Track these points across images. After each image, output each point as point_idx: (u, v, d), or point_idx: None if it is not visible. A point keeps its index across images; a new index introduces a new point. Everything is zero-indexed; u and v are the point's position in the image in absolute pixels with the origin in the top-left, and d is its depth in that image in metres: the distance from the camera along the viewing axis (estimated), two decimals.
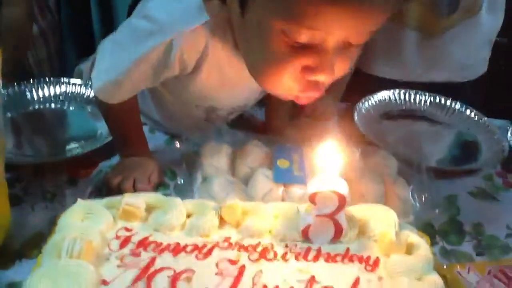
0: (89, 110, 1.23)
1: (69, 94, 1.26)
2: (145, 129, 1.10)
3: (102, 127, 1.13)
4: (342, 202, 0.74)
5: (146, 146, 1.05)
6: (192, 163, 1.02)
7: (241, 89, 1.01)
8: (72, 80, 1.27)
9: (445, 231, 0.97)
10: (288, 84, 0.80)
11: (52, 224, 0.85)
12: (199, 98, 1.03)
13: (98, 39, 0.97)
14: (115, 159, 1.07)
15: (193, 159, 1.03)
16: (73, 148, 1.11)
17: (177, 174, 1.04)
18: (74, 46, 1.78)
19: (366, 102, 1.29)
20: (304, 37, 0.73)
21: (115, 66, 0.92)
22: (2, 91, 1.17)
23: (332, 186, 0.73)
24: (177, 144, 1.08)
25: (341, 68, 0.79)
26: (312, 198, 0.74)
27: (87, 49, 1.52)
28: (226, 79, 0.96)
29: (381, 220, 0.79)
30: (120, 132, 1.03)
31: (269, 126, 1.18)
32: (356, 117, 1.22)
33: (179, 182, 1.00)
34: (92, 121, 1.20)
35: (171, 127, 1.16)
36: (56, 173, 1.02)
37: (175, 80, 0.97)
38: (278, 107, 1.18)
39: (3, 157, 0.84)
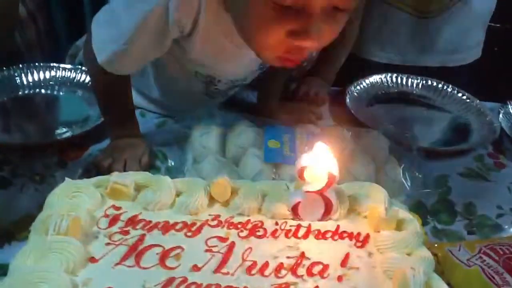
0: (80, 94, 1.22)
1: (59, 79, 1.24)
2: (137, 112, 1.09)
3: (92, 111, 1.13)
4: (331, 178, 0.73)
5: (137, 127, 1.05)
6: (183, 145, 1.02)
7: (237, 56, 0.99)
8: (62, 65, 1.26)
9: (436, 210, 0.97)
10: (273, 46, 0.80)
11: (41, 206, 0.85)
12: (197, 64, 1.02)
13: (90, 19, 0.95)
14: (105, 143, 1.06)
15: (183, 141, 1.03)
16: (63, 132, 1.10)
17: (167, 157, 1.03)
18: (65, 27, 1.75)
19: (358, 86, 1.28)
20: (289, 0, 0.72)
21: (117, 35, 0.91)
22: None
23: (321, 162, 0.73)
24: (168, 126, 1.07)
25: (328, 34, 0.79)
26: (301, 173, 0.74)
27: (79, 30, 1.49)
28: (220, 43, 0.94)
29: (371, 196, 0.79)
30: (112, 110, 1.02)
31: (261, 108, 1.18)
32: (347, 101, 1.22)
33: (170, 164, 1.00)
34: (83, 105, 1.19)
35: (171, 104, 1.15)
36: (46, 155, 1.01)
37: (176, 46, 0.96)
38: (271, 89, 1.17)
39: None
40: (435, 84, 1.30)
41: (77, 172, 0.98)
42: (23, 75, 1.23)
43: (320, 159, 0.73)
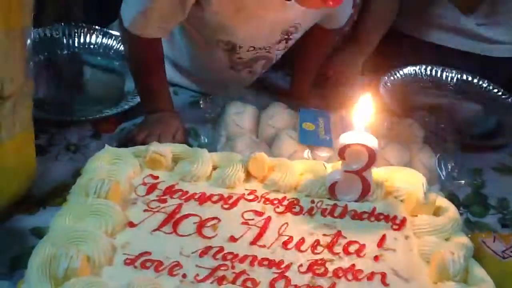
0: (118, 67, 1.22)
1: (104, 45, 1.24)
2: (170, 91, 1.09)
3: (129, 88, 1.13)
4: (372, 157, 0.73)
5: (170, 103, 1.05)
6: (216, 123, 1.02)
7: (259, 21, 0.98)
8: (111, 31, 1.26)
9: (469, 203, 0.96)
10: None
11: (75, 175, 0.85)
12: (217, 28, 1.01)
13: None
14: (139, 120, 1.06)
15: (217, 119, 1.03)
16: (99, 108, 1.09)
17: (200, 134, 1.03)
18: None
19: (392, 76, 1.27)
20: None
21: None
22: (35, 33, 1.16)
23: (362, 141, 0.72)
24: (201, 104, 1.07)
25: None
26: (342, 152, 0.73)
27: None
28: (242, 1, 0.93)
29: (409, 181, 0.78)
30: (145, 82, 1.03)
31: (293, 92, 1.17)
32: (381, 89, 1.21)
33: (203, 141, 1.00)
34: (120, 81, 1.19)
35: (201, 78, 1.15)
36: (80, 126, 1.02)
37: (196, 9, 0.95)
38: (304, 74, 1.17)
39: (30, 100, 0.84)
40: (470, 78, 1.28)
41: (111, 144, 0.98)
42: (72, 34, 1.24)
43: (361, 138, 0.73)
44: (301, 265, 0.65)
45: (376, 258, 0.68)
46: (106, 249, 0.62)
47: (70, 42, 1.23)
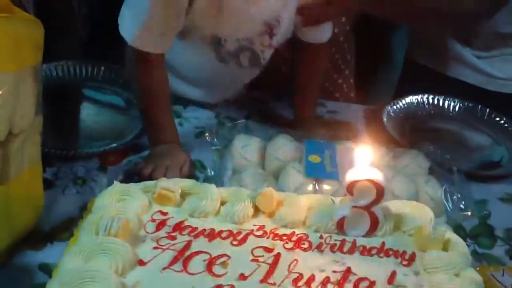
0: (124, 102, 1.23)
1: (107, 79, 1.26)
2: (175, 122, 1.10)
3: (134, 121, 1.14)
4: (380, 193, 0.73)
5: (176, 134, 1.06)
6: (222, 156, 1.03)
7: (240, 14, 1.01)
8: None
9: (476, 234, 0.96)
10: None
11: (83, 208, 0.86)
12: (201, 24, 1.03)
13: None
14: (145, 153, 1.07)
15: (223, 152, 1.04)
16: (105, 143, 1.10)
17: (206, 167, 1.04)
18: None
19: (395, 106, 1.28)
20: None
21: (137, 11, 0.96)
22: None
23: (370, 176, 0.73)
24: (207, 136, 1.08)
25: None
26: (350, 188, 0.74)
27: None
28: None
29: (417, 215, 0.79)
30: (151, 113, 1.04)
31: (298, 122, 1.18)
32: (384, 119, 1.22)
33: (209, 174, 1.00)
34: (124, 117, 1.20)
35: (191, 74, 1.17)
36: (87, 159, 1.03)
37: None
38: (303, 101, 1.18)
39: (39, 136, 0.84)
40: (472, 105, 1.29)
41: (117, 177, 0.99)
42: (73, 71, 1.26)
43: (368, 174, 0.73)
44: None
45: None
46: None
47: (72, 76, 1.25)
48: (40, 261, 0.81)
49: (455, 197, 0.95)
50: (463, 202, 0.95)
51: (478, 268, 0.84)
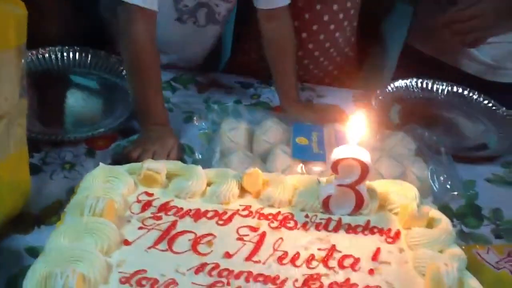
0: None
1: (94, 64, 1.24)
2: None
3: (121, 106, 1.14)
4: (365, 171, 0.73)
5: (166, 116, 1.05)
6: (210, 139, 1.03)
7: None
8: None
9: (463, 214, 0.97)
10: None
11: (70, 192, 0.86)
12: None
13: None
14: (133, 137, 1.07)
15: (211, 136, 1.04)
16: (94, 127, 1.10)
17: (195, 151, 1.04)
18: None
19: (384, 89, 1.28)
20: None
21: None
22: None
23: (355, 155, 0.73)
24: (195, 121, 1.08)
25: None
26: (335, 167, 0.74)
27: None
28: None
29: (402, 194, 0.79)
30: (141, 92, 1.04)
31: (284, 106, 1.18)
32: (373, 103, 1.22)
33: (197, 157, 1.00)
34: (113, 99, 1.19)
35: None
36: (75, 144, 1.03)
37: None
38: (283, 84, 1.18)
39: (24, 119, 0.84)
40: (460, 90, 1.29)
41: (105, 161, 0.98)
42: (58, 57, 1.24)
43: (353, 152, 0.73)
44: (296, 280, 0.65)
45: (371, 271, 0.68)
46: (101, 268, 0.62)
47: (59, 63, 1.24)
48: (27, 244, 0.81)
49: (441, 177, 0.95)
50: (450, 183, 0.96)
51: (463, 247, 0.85)
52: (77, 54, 1.25)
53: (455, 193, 0.96)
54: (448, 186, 0.96)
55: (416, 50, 1.42)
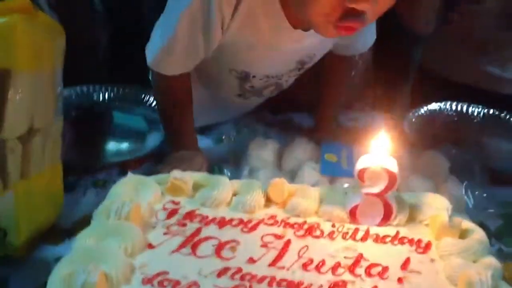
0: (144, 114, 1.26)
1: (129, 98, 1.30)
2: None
3: (152, 132, 1.17)
4: (392, 179, 0.72)
5: (195, 141, 1.07)
6: (239, 158, 1.03)
7: (276, 51, 0.99)
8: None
9: (501, 233, 0.92)
10: (327, 11, 0.79)
11: None
12: (233, 58, 1.02)
13: None
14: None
15: (240, 155, 1.04)
16: (125, 152, 1.13)
17: (224, 170, 1.04)
18: None
19: (416, 113, 1.27)
20: None
21: (163, 34, 0.95)
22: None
23: (382, 163, 0.72)
24: (224, 142, 1.09)
25: (385, 2, 0.79)
26: (361, 175, 0.73)
27: None
28: (260, 33, 0.94)
29: (433, 205, 0.76)
30: (172, 123, 1.06)
31: (318, 130, 1.17)
32: (405, 126, 1.21)
33: (226, 175, 1.01)
34: (143, 125, 1.23)
35: (204, 103, 1.15)
36: (109, 169, 1.05)
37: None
38: (326, 109, 1.18)
39: (59, 137, 0.87)
40: (497, 113, 1.26)
41: None
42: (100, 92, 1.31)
43: (380, 161, 0.72)
44: (321, 286, 0.63)
45: (399, 280, 0.65)
46: (124, 268, 0.62)
47: (101, 98, 1.30)
48: (57, 255, 0.81)
49: (477, 193, 0.92)
50: (485, 200, 0.93)
51: (502, 264, 0.81)
52: (115, 89, 1.32)
53: (491, 210, 0.92)
54: (484, 204, 0.92)
55: (430, 71, 1.41)
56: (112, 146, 1.17)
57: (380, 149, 0.75)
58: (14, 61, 0.74)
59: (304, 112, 1.29)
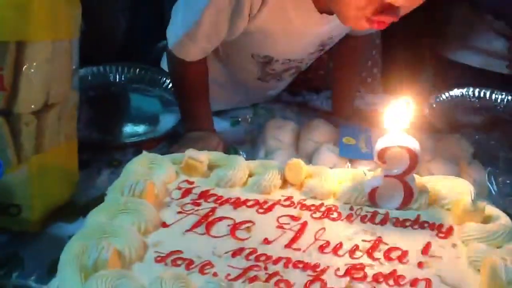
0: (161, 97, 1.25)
1: (145, 79, 1.29)
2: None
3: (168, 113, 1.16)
4: (414, 160, 0.69)
5: (211, 122, 1.06)
6: (255, 139, 1.02)
7: (300, 35, 0.98)
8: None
9: None
10: (363, 4, 0.78)
11: None
12: (257, 42, 1.00)
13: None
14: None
15: (257, 136, 1.03)
16: (140, 133, 1.12)
17: (239, 151, 1.03)
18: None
19: (438, 98, 1.23)
20: None
21: (187, 18, 0.93)
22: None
23: (403, 143, 0.69)
24: (242, 124, 1.08)
25: None
26: (381, 156, 0.70)
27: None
28: (287, 21, 0.93)
29: (455, 189, 0.74)
30: (189, 106, 1.05)
31: (336, 113, 1.15)
32: (426, 111, 1.17)
33: (241, 156, 0.99)
34: (158, 107, 1.22)
35: (224, 86, 1.14)
36: (123, 148, 1.04)
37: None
38: (342, 92, 1.16)
39: (75, 112, 0.86)
40: None
41: None
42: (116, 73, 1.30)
43: (401, 140, 0.70)
44: (338, 269, 0.62)
45: (420, 264, 0.63)
46: (137, 245, 0.61)
47: (117, 78, 1.29)
48: (71, 233, 0.80)
49: (500, 179, 0.89)
50: (509, 187, 0.90)
51: None
52: (132, 69, 1.30)
53: None
54: (508, 191, 0.89)
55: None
56: (127, 127, 1.16)
57: (399, 128, 0.72)
58: (30, 31, 0.72)
59: (321, 94, 1.27)
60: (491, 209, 0.71)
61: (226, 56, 1.10)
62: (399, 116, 0.72)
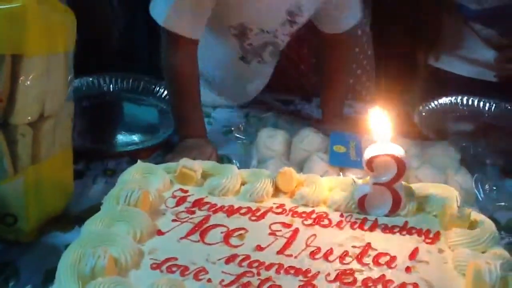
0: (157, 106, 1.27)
1: (139, 89, 1.31)
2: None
3: (163, 123, 1.19)
4: (401, 168, 0.71)
5: (204, 128, 1.08)
6: (248, 149, 1.04)
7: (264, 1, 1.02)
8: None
9: (511, 227, 0.92)
10: None
11: None
12: (228, 11, 1.04)
13: None
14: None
15: (249, 146, 1.05)
16: (135, 142, 1.14)
17: (232, 160, 1.05)
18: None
19: (427, 107, 1.26)
20: None
21: None
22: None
23: (390, 151, 0.71)
24: (234, 132, 1.10)
25: None
26: (369, 164, 0.72)
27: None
28: None
29: (442, 196, 0.76)
30: (181, 108, 1.07)
31: (326, 120, 1.18)
32: (416, 119, 1.20)
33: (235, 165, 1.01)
34: (154, 116, 1.24)
35: (215, 78, 1.18)
36: (118, 156, 1.06)
37: None
38: (330, 99, 1.19)
39: (70, 122, 0.88)
40: (509, 107, 1.25)
41: None
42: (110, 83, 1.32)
43: (388, 149, 0.72)
44: (328, 274, 0.64)
45: (407, 269, 0.65)
46: (133, 253, 0.62)
47: (111, 88, 1.32)
48: (67, 242, 0.81)
49: (487, 186, 0.91)
50: (495, 193, 0.92)
51: None
52: (127, 80, 1.33)
53: (502, 203, 0.91)
54: (494, 196, 0.91)
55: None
56: (122, 136, 1.18)
57: (386, 137, 0.74)
58: (26, 46, 0.74)
59: (312, 103, 1.29)
60: (476, 215, 0.74)
61: (208, 41, 1.12)
62: (382, 125, 0.73)
